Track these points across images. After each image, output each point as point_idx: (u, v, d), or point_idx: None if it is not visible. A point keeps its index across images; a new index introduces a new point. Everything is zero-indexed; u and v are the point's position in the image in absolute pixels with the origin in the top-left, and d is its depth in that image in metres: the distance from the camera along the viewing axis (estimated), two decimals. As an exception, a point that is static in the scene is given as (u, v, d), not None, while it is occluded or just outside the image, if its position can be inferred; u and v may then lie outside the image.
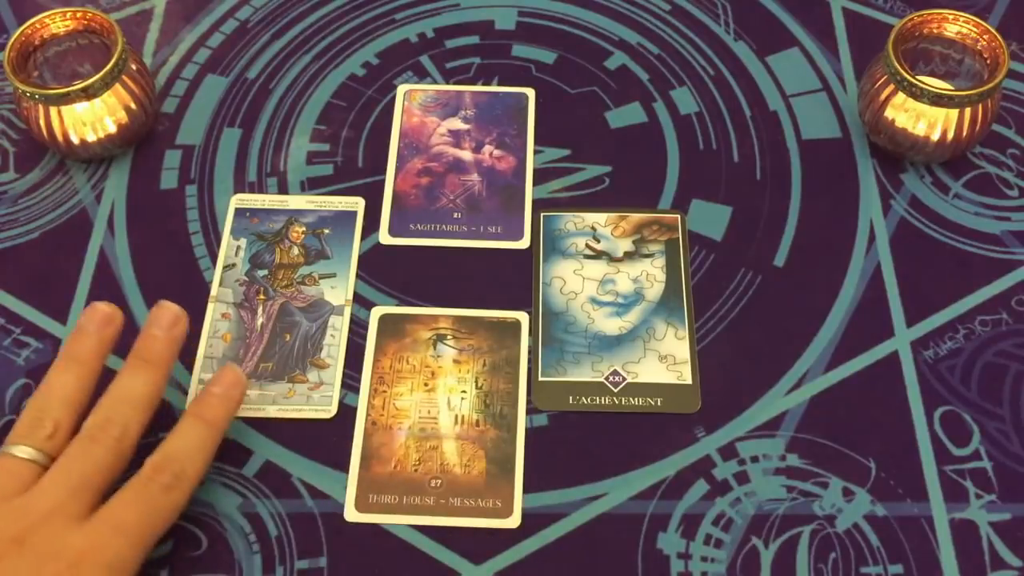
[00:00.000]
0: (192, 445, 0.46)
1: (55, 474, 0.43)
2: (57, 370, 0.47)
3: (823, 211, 0.58)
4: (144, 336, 0.48)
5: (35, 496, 0.42)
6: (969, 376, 0.52)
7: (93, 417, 0.45)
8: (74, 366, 0.47)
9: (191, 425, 0.46)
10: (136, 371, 0.47)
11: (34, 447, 0.44)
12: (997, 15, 0.66)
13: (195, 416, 0.47)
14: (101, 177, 0.59)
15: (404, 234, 0.57)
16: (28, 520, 0.42)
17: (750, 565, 0.47)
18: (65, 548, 0.41)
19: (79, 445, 0.44)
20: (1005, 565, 0.47)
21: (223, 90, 0.63)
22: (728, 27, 0.65)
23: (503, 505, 0.48)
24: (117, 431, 0.44)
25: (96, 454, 0.44)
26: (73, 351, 0.47)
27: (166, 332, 0.48)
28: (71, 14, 0.58)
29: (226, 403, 0.47)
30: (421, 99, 0.62)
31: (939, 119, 0.55)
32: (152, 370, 0.47)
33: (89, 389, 0.47)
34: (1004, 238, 0.56)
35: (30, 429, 0.45)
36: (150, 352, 0.47)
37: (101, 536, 0.42)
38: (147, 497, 0.43)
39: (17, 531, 0.41)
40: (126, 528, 0.42)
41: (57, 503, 0.42)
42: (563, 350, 0.53)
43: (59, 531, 0.41)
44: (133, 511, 0.43)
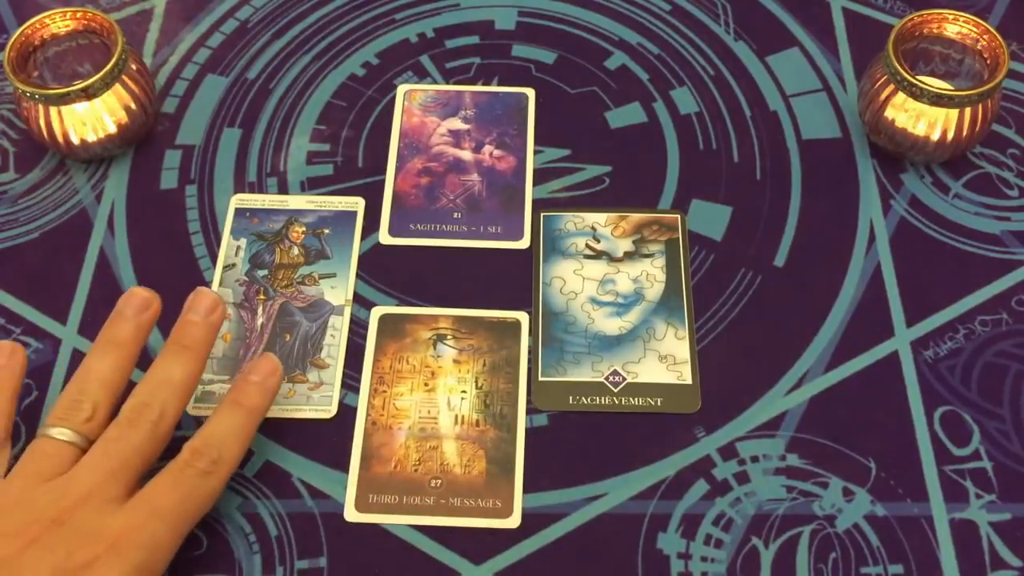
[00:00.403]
0: (230, 431, 0.46)
1: (94, 456, 0.43)
2: (95, 354, 0.47)
3: (823, 211, 0.58)
4: (182, 322, 0.48)
5: (74, 478, 0.43)
6: (969, 376, 0.52)
7: (131, 401, 0.45)
8: (112, 349, 0.47)
9: (229, 411, 0.46)
10: (174, 356, 0.47)
11: (72, 429, 0.44)
12: (997, 15, 0.66)
13: (233, 403, 0.47)
14: (101, 177, 0.59)
15: (404, 234, 0.57)
16: (67, 501, 0.42)
17: (750, 565, 0.47)
18: (103, 529, 0.41)
19: (117, 428, 0.44)
20: (1005, 565, 0.47)
21: (223, 90, 0.63)
22: (728, 27, 0.65)
23: (503, 505, 0.48)
24: (155, 415, 0.45)
25: (134, 437, 0.44)
26: (111, 335, 0.48)
27: (204, 318, 0.48)
28: (71, 14, 0.58)
29: (264, 391, 0.47)
30: (421, 99, 0.62)
31: (939, 119, 0.55)
32: (190, 355, 0.47)
33: (127, 373, 0.47)
34: (1004, 238, 0.56)
35: (68, 411, 0.45)
36: (189, 337, 0.47)
37: (138, 518, 0.42)
38: (184, 481, 0.44)
39: (56, 512, 0.41)
40: (163, 511, 0.43)
41: (95, 485, 0.42)
42: (563, 350, 0.53)
43: (97, 513, 0.42)
44: (171, 495, 0.43)
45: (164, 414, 0.45)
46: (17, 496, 0.42)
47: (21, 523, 0.41)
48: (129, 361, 0.47)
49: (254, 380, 0.47)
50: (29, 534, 0.41)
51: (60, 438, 0.44)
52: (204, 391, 0.51)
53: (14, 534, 0.41)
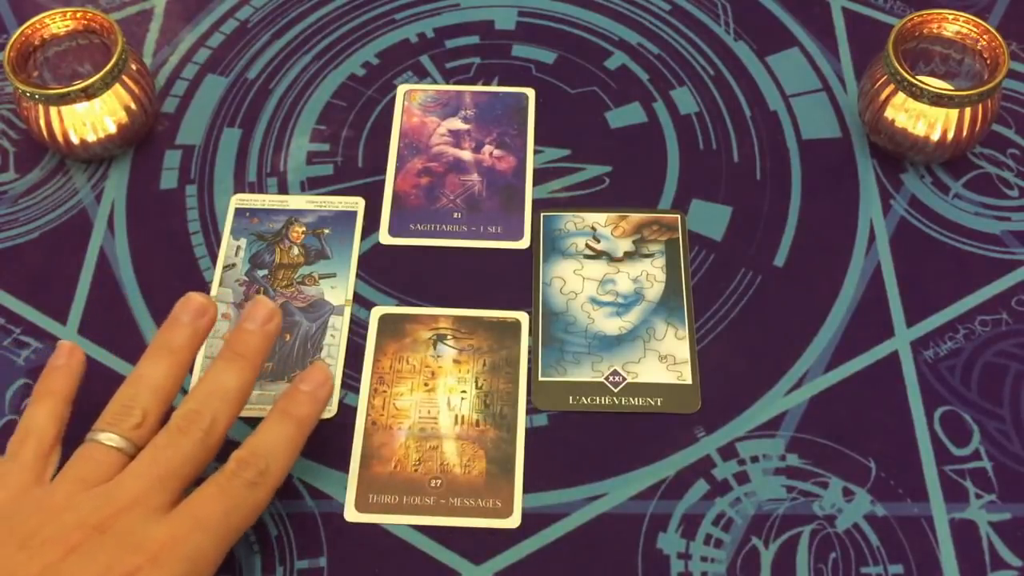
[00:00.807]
0: (278, 442, 0.45)
1: (141, 463, 0.43)
2: (148, 359, 0.46)
3: (823, 211, 0.58)
4: (238, 330, 0.47)
5: (119, 484, 0.42)
6: (969, 376, 0.52)
7: (183, 408, 0.45)
8: (166, 355, 0.46)
9: (278, 422, 0.45)
10: (229, 364, 0.46)
11: (121, 435, 0.43)
12: (997, 15, 0.66)
13: (282, 413, 0.46)
14: (101, 177, 0.59)
15: (404, 234, 0.57)
16: (111, 508, 0.41)
17: (750, 565, 0.47)
18: (146, 539, 0.40)
19: (167, 436, 0.44)
20: (1005, 565, 0.47)
21: (223, 90, 0.63)
22: (728, 27, 0.65)
23: (503, 505, 0.48)
24: (206, 423, 0.44)
25: (183, 446, 0.43)
26: (166, 340, 0.47)
27: (260, 327, 0.47)
28: (71, 14, 0.58)
29: (314, 401, 0.46)
30: (421, 99, 0.62)
31: (939, 119, 0.55)
32: (244, 364, 0.46)
33: (179, 379, 0.46)
34: (1004, 238, 0.56)
35: (118, 417, 0.44)
36: (244, 346, 0.46)
37: (183, 529, 0.41)
38: (230, 492, 0.43)
39: (99, 519, 0.41)
40: (208, 523, 0.42)
41: (141, 493, 0.41)
42: (563, 350, 0.53)
43: (141, 521, 0.41)
44: (216, 506, 0.42)
45: (215, 423, 0.44)
46: (61, 501, 0.42)
47: (63, 529, 0.40)
48: (182, 368, 0.46)
49: (304, 390, 0.46)
50: (71, 541, 0.40)
51: (108, 444, 0.43)
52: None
53: (56, 540, 0.40)
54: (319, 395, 0.47)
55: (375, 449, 0.50)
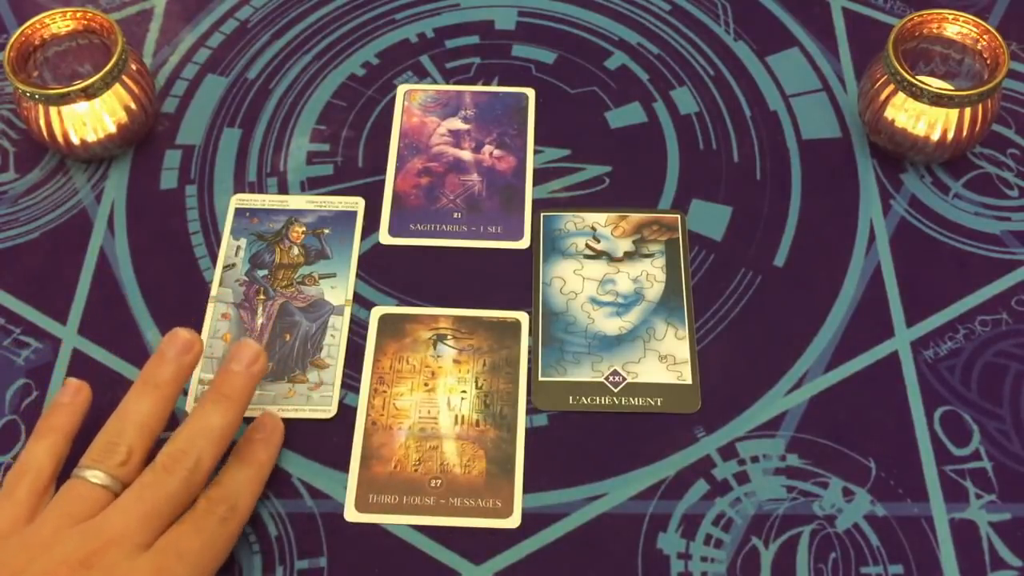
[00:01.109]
0: (242, 483, 0.46)
1: (127, 500, 0.43)
2: (134, 395, 0.47)
3: (823, 211, 0.58)
4: (224, 371, 0.48)
5: (105, 520, 0.43)
6: (969, 376, 0.52)
7: (169, 447, 0.45)
8: (151, 391, 0.47)
9: (239, 467, 0.47)
10: (215, 405, 0.47)
11: (107, 473, 0.44)
12: (997, 15, 0.66)
13: (241, 460, 0.47)
14: (101, 177, 0.59)
15: (404, 234, 0.57)
16: (96, 543, 0.42)
17: (750, 565, 0.47)
18: (132, 573, 0.41)
19: (152, 474, 0.44)
20: (1005, 565, 0.47)
21: (223, 90, 0.63)
22: (728, 27, 0.65)
23: (503, 505, 0.48)
24: (191, 463, 0.45)
25: (168, 484, 0.44)
26: (151, 376, 0.47)
27: (246, 368, 0.48)
28: (71, 14, 0.58)
29: (268, 446, 0.49)
30: (421, 99, 0.62)
31: (939, 119, 0.55)
32: (230, 405, 0.47)
33: (164, 415, 0.47)
34: (1004, 238, 0.56)
35: (104, 454, 0.45)
36: (229, 387, 0.47)
37: (166, 562, 0.42)
38: (205, 528, 0.44)
39: (85, 554, 0.41)
40: (189, 556, 0.43)
41: (126, 529, 0.42)
42: (563, 350, 0.53)
43: (125, 557, 0.42)
44: (194, 541, 0.43)
45: (200, 462, 0.45)
46: (47, 537, 0.42)
47: (50, 565, 0.41)
48: (167, 404, 0.47)
49: (258, 438, 0.49)
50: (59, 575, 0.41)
51: (94, 481, 0.44)
52: (204, 391, 0.51)
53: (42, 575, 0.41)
54: (273, 440, 0.49)
55: (375, 449, 0.50)
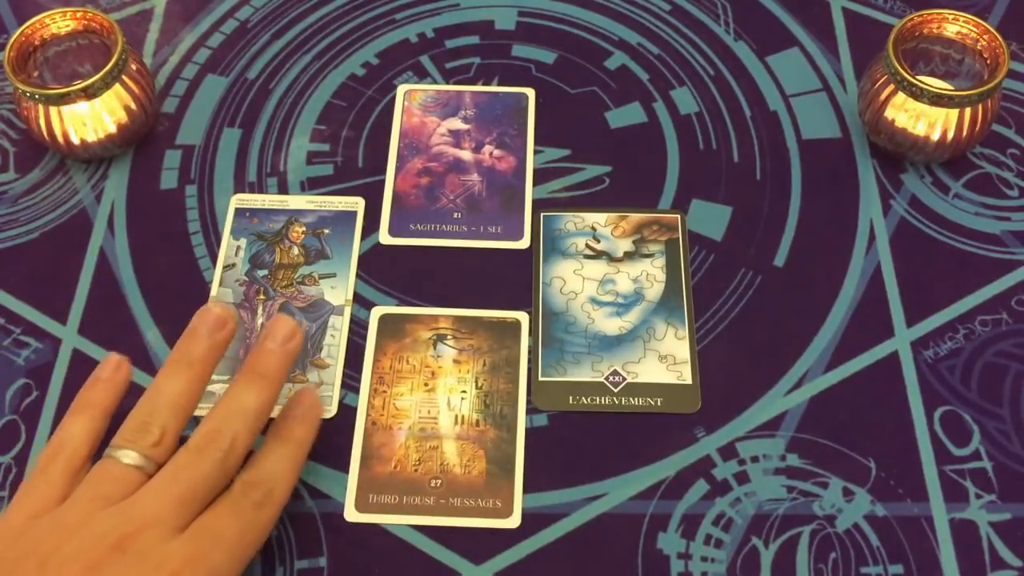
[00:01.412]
0: (279, 463, 0.45)
1: (160, 482, 0.42)
2: (166, 374, 0.45)
3: (823, 211, 0.58)
4: (259, 349, 0.46)
5: (138, 503, 0.41)
6: (969, 376, 0.52)
7: (203, 427, 0.44)
8: (184, 370, 0.45)
9: (277, 444, 0.45)
10: (249, 384, 0.45)
11: (140, 453, 0.43)
12: (997, 15, 0.66)
13: (279, 436, 0.46)
14: (101, 177, 0.59)
15: (404, 234, 0.57)
16: (130, 526, 0.40)
17: (750, 565, 0.47)
18: (166, 558, 0.40)
19: (187, 455, 0.43)
20: (1005, 565, 0.47)
21: (223, 90, 0.63)
22: (728, 27, 0.65)
23: (503, 505, 0.48)
24: (226, 444, 0.43)
25: (203, 466, 0.42)
26: (184, 353, 0.46)
27: (281, 346, 0.46)
28: (71, 14, 0.58)
29: (307, 422, 0.47)
30: (421, 99, 0.62)
31: (939, 119, 0.55)
32: (264, 384, 0.45)
33: (198, 394, 0.45)
34: (1004, 238, 0.56)
35: (137, 434, 0.43)
36: (264, 365, 0.46)
37: (201, 547, 0.41)
38: (242, 512, 0.43)
39: (117, 537, 0.40)
40: (225, 540, 0.41)
41: (160, 512, 0.41)
42: (563, 350, 0.53)
43: (159, 540, 0.40)
44: (231, 524, 0.42)
45: (235, 444, 0.43)
46: (79, 520, 0.41)
47: (81, 548, 0.40)
48: (200, 383, 0.46)
49: (296, 414, 0.47)
50: (88, 560, 0.39)
51: (127, 461, 0.43)
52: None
53: (73, 559, 0.39)
54: (310, 416, 0.47)
55: (375, 449, 0.50)
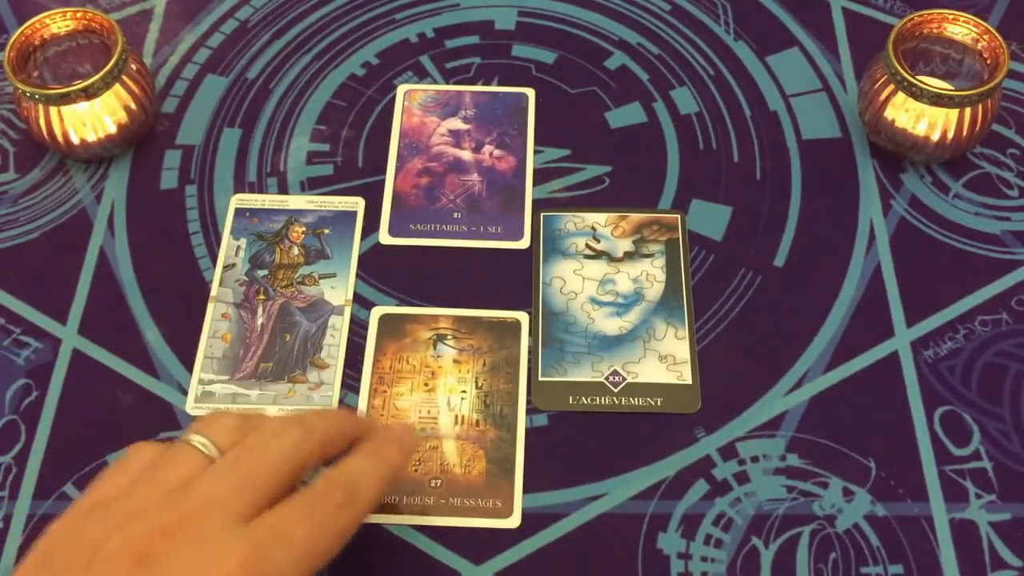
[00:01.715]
0: (369, 471, 0.41)
1: (222, 463, 0.38)
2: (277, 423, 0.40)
3: (823, 211, 0.58)
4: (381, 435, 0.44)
5: (195, 483, 0.37)
6: (969, 376, 0.52)
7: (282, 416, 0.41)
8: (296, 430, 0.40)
9: (367, 455, 0.42)
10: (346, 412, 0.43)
11: (211, 440, 0.39)
12: (997, 15, 0.66)
13: (369, 451, 0.42)
14: (101, 177, 0.59)
15: (404, 234, 0.57)
16: (181, 510, 0.36)
17: (750, 565, 0.47)
18: (224, 548, 0.35)
19: (257, 437, 0.39)
20: (1005, 565, 0.47)
21: (223, 90, 0.63)
22: (728, 27, 0.65)
23: (503, 505, 0.48)
24: (303, 429, 0.39)
25: (273, 449, 0.38)
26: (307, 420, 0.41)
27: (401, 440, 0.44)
28: (71, 14, 0.58)
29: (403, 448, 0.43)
30: (421, 99, 0.62)
31: (939, 119, 0.55)
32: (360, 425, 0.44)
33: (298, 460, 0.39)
34: (1004, 238, 0.56)
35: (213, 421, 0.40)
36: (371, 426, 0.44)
37: (264, 543, 0.36)
38: (318, 512, 0.38)
39: (167, 522, 0.35)
40: (292, 541, 0.36)
41: (218, 493, 0.36)
42: (563, 350, 0.53)
43: (218, 526, 0.36)
44: (301, 524, 0.37)
45: (312, 432, 0.40)
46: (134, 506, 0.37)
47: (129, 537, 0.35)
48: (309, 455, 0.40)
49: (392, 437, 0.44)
50: (136, 550, 0.35)
51: (195, 444, 0.38)
52: (204, 391, 0.51)
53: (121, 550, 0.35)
54: (406, 443, 0.44)
55: (375, 449, 0.50)
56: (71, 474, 0.49)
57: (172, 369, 0.52)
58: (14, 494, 0.49)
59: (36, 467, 0.50)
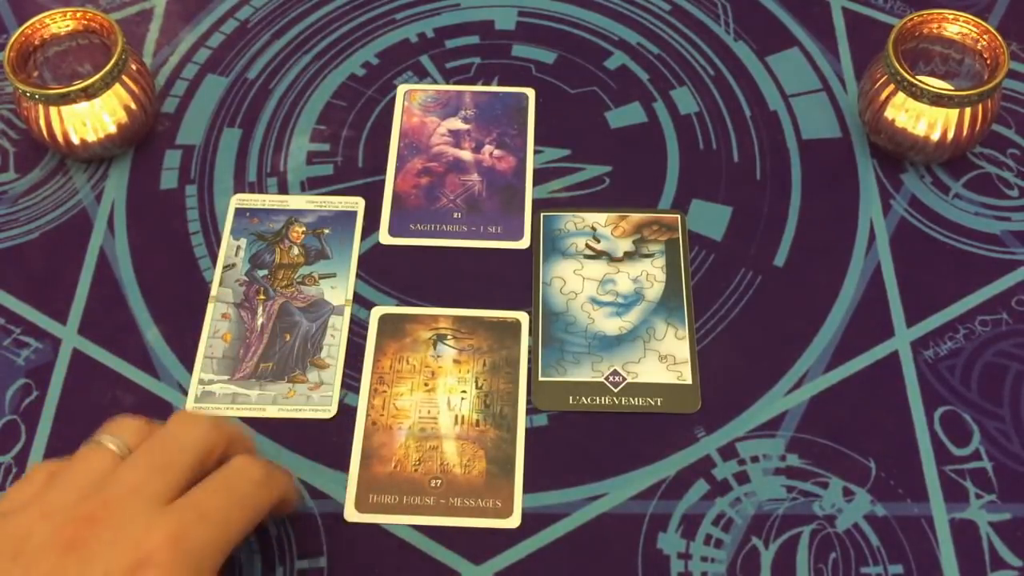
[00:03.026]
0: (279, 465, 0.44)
1: (137, 454, 0.40)
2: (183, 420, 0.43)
3: (823, 211, 0.58)
4: None
5: (113, 475, 0.39)
6: (969, 376, 0.52)
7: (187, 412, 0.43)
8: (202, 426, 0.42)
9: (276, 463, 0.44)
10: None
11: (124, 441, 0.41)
12: (997, 15, 0.66)
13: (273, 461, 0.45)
14: (101, 177, 0.59)
15: (404, 234, 0.57)
16: (103, 497, 0.38)
17: (750, 565, 0.47)
18: (147, 530, 0.37)
19: (164, 429, 0.41)
20: (1005, 565, 0.47)
21: (223, 90, 0.63)
22: (728, 27, 0.65)
23: (503, 505, 0.48)
24: (211, 420, 0.41)
25: (184, 437, 0.40)
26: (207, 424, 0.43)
27: None
28: (71, 14, 0.58)
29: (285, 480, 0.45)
30: (421, 99, 0.62)
31: (939, 119, 0.55)
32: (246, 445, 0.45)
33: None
34: (1004, 238, 0.56)
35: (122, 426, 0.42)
36: None
37: (185, 520, 0.38)
38: (237, 487, 0.40)
39: (89, 510, 0.37)
40: (213, 517, 0.39)
41: (136, 480, 0.38)
42: (563, 350, 0.53)
43: (140, 511, 0.38)
44: (221, 498, 0.40)
45: (218, 423, 0.42)
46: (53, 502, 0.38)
47: (54, 528, 0.37)
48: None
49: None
50: (62, 539, 0.37)
51: (109, 445, 0.40)
52: (204, 391, 0.51)
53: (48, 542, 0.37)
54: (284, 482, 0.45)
55: (375, 449, 0.50)
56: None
57: (172, 369, 0.52)
58: (14, 494, 0.49)
59: (36, 467, 0.50)
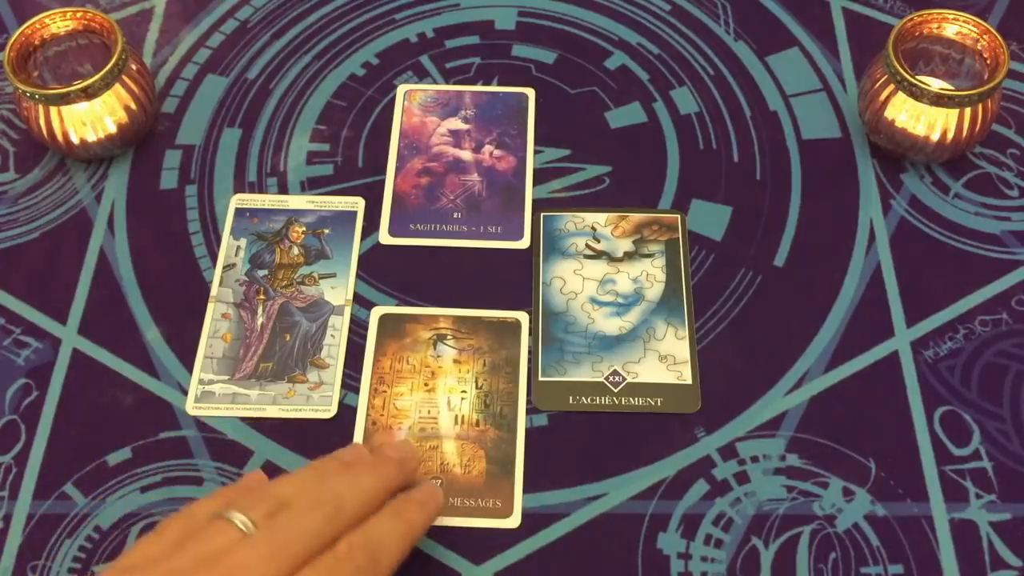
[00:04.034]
0: (390, 535, 0.42)
1: (257, 535, 0.39)
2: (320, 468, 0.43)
3: (823, 211, 0.58)
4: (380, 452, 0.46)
5: (229, 554, 0.38)
6: (969, 376, 0.52)
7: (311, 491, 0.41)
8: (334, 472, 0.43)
9: (390, 518, 0.43)
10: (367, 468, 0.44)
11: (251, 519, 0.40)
12: (997, 15, 0.66)
13: (395, 512, 0.43)
14: (101, 177, 0.59)
15: (404, 234, 0.57)
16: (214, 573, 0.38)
17: (750, 565, 0.47)
18: None
19: (289, 514, 0.40)
20: (1005, 565, 0.47)
21: (223, 90, 0.63)
22: (728, 27, 0.65)
23: (503, 505, 0.48)
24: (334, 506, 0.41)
25: (305, 523, 0.40)
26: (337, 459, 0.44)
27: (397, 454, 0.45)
28: (71, 14, 0.58)
29: (425, 509, 0.45)
30: (421, 99, 0.62)
31: (939, 119, 0.55)
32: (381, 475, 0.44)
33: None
34: (1004, 238, 0.56)
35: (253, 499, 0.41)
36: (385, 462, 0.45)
37: None
38: (341, 573, 0.39)
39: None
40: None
41: (249, 562, 0.38)
42: (563, 350, 0.53)
43: None
44: None
45: (344, 506, 0.41)
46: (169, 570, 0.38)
47: None
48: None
49: (416, 497, 0.45)
50: None
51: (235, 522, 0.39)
52: (204, 391, 0.51)
53: None
54: (430, 505, 0.45)
55: (375, 449, 0.50)
56: (71, 474, 0.49)
57: (172, 369, 0.52)
58: (14, 494, 0.49)
59: (36, 467, 0.50)
